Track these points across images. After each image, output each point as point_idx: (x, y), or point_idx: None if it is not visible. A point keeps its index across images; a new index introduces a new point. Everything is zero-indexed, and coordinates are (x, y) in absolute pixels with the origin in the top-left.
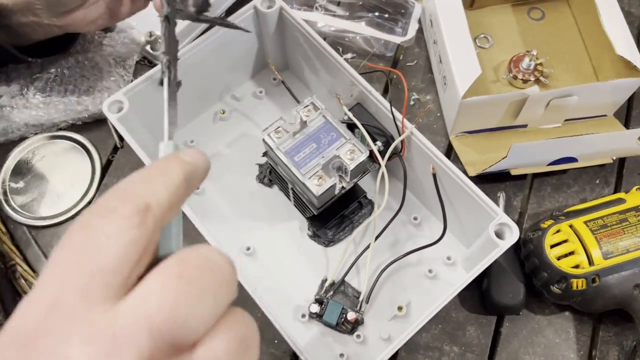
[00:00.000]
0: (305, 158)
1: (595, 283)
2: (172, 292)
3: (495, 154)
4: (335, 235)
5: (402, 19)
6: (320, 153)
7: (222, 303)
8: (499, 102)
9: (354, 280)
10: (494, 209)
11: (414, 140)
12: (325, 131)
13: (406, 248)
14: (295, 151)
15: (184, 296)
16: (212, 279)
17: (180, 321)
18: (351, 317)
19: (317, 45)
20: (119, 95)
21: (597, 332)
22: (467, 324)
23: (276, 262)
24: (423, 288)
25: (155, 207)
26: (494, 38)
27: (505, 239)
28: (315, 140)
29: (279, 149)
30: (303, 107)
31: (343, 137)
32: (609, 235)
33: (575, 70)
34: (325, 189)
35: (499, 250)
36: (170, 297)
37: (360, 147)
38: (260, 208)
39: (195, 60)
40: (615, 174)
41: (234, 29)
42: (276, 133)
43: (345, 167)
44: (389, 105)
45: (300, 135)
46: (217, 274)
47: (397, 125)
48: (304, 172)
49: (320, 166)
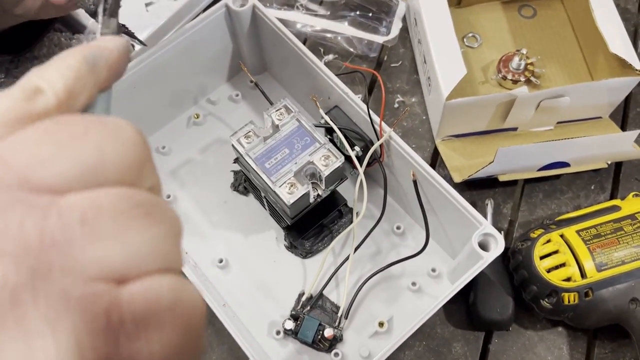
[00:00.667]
0: (277, 164)
1: (589, 297)
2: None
3: (483, 158)
4: (313, 246)
5: (386, 18)
6: (292, 159)
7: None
8: (485, 103)
9: (333, 294)
10: (478, 218)
11: (393, 145)
12: (298, 136)
13: (388, 259)
14: (266, 157)
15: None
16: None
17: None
18: (328, 334)
19: (292, 46)
20: None
21: (592, 349)
22: (453, 341)
23: (250, 275)
24: (406, 302)
25: (48, 90)
26: (483, 37)
27: (490, 250)
28: (287, 146)
29: (248, 155)
30: (275, 111)
31: (317, 142)
32: (603, 245)
33: (568, 70)
34: (297, 197)
35: (483, 263)
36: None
37: (336, 152)
38: (235, 217)
39: (164, 60)
40: (611, 179)
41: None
42: (246, 138)
43: (320, 174)
44: (366, 107)
45: (272, 140)
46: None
47: (375, 128)
48: (274, 180)
49: (293, 173)
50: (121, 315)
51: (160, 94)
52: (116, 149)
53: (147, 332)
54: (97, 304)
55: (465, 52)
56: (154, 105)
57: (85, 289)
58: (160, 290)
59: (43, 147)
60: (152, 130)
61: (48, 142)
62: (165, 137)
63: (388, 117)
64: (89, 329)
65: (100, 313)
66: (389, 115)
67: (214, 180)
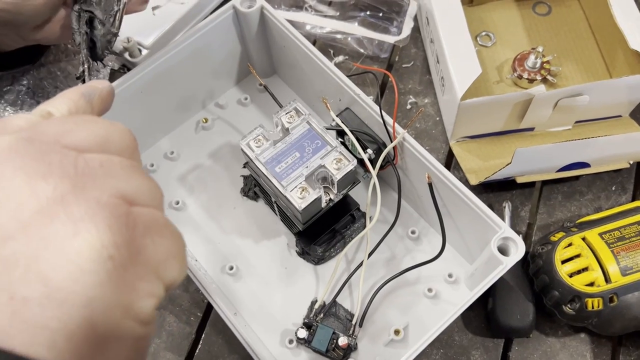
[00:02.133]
0: (287, 169)
1: (613, 303)
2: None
3: (500, 160)
4: (325, 252)
5: (397, 18)
6: (303, 163)
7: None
8: (501, 103)
9: (347, 302)
10: (497, 222)
11: (407, 147)
12: (309, 139)
13: (403, 265)
14: (276, 161)
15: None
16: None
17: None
18: (342, 343)
19: (301, 47)
20: None
21: (617, 356)
22: (471, 349)
23: (261, 282)
24: (422, 309)
25: (56, 112)
26: (496, 36)
27: (510, 255)
28: (298, 149)
29: (258, 159)
30: (285, 113)
31: (329, 145)
32: (627, 248)
33: (585, 67)
34: (309, 202)
35: (503, 268)
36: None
37: (348, 155)
38: (245, 224)
39: (172, 64)
40: (632, 179)
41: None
42: (256, 142)
43: (331, 178)
44: (378, 109)
45: (282, 143)
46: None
47: (388, 130)
48: (285, 184)
49: (304, 177)
50: (134, 218)
51: (167, 99)
52: (117, 132)
53: (151, 234)
54: (119, 208)
55: (478, 52)
56: (162, 110)
57: (110, 199)
58: (156, 214)
59: (67, 124)
60: (160, 136)
61: (70, 122)
62: (173, 143)
63: (400, 119)
64: (115, 221)
65: (122, 213)
66: (401, 117)
67: (224, 186)
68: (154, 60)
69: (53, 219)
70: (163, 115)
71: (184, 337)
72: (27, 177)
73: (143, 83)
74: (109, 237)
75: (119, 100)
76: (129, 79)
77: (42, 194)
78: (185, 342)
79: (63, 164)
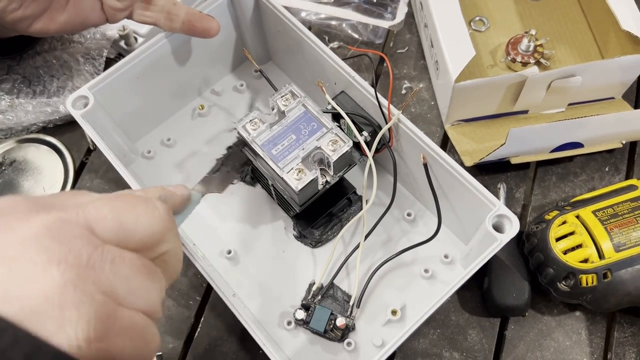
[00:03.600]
0: (284, 151)
1: (607, 278)
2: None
3: (494, 142)
4: (323, 235)
5: (391, 4)
6: (300, 145)
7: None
8: (495, 85)
9: (344, 283)
10: (491, 200)
11: (402, 129)
12: (305, 121)
13: (399, 246)
14: (272, 143)
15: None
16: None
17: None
18: (340, 323)
19: (297, 32)
20: (84, 91)
21: (611, 333)
22: (468, 328)
23: (260, 265)
24: (419, 289)
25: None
26: (490, 20)
27: (505, 232)
28: (294, 131)
29: (254, 142)
30: (281, 96)
31: (324, 127)
32: (621, 225)
33: (578, 50)
34: (305, 183)
35: (498, 245)
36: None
37: (343, 137)
38: (243, 208)
39: (167, 51)
40: (626, 159)
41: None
42: (252, 124)
43: (328, 160)
44: (373, 91)
45: (278, 126)
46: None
47: (384, 112)
48: (282, 166)
49: (300, 159)
50: (114, 318)
51: (163, 86)
52: (148, 220)
53: (123, 337)
54: (105, 306)
55: (472, 36)
56: (158, 97)
57: (101, 297)
58: (137, 320)
59: (105, 209)
60: (156, 123)
61: (109, 207)
62: (170, 129)
63: (396, 104)
64: (95, 318)
65: (105, 312)
66: (396, 101)
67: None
68: (149, 47)
69: (52, 305)
70: (159, 102)
71: (183, 321)
72: (47, 261)
73: (139, 70)
74: (85, 332)
75: (114, 86)
76: (124, 65)
77: (50, 280)
78: (184, 325)
79: (80, 253)
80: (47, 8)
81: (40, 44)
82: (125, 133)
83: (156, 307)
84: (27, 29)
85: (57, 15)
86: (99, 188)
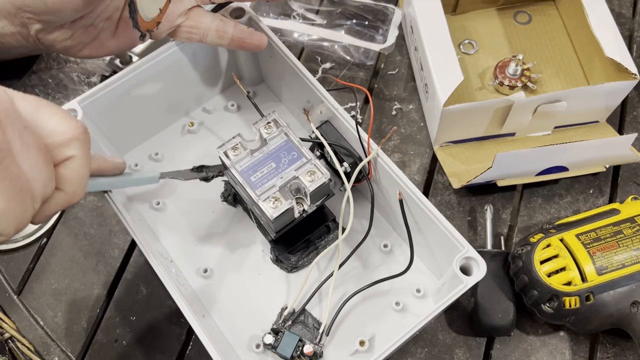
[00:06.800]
0: (263, 178)
1: (590, 301)
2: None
3: (482, 164)
4: (299, 260)
5: (382, 26)
6: (279, 173)
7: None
8: (482, 109)
9: (316, 310)
10: (461, 242)
11: (381, 163)
12: (286, 150)
13: (375, 276)
14: (252, 170)
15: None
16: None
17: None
18: (307, 351)
19: (286, 60)
20: (73, 104)
21: (594, 353)
22: (455, 347)
23: (234, 286)
24: (390, 321)
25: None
26: (479, 44)
27: (472, 274)
28: (274, 160)
29: (234, 168)
30: (264, 124)
31: (304, 157)
32: (603, 249)
33: (564, 75)
34: (280, 212)
35: (464, 287)
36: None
37: (322, 169)
38: (223, 228)
39: (160, 69)
40: (609, 182)
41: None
42: (233, 150)
43: (305, 190)
44: (354, 124)
45: (259, 153)
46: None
47: (364, 145)
48: (259, 194)
49: (277, 187)
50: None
51: (154, 102)
52: (61, 119)
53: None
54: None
55: (461, 59)
56: (148, 112)
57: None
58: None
59: (30, 97)
60: (145, 137)
61: (34, 97)
62: (158, 144)
63: (386, 125)
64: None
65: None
66: (386, 122)
67: (205, 190)
68: (142, 64)
69: None
70: (149, 117)
71: (174, 338)
72: None
73: (129, 86)
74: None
75: (104, 100)
76: (115, 81)
77: None
78: (176, 342)
79: None
80: (97, 36)
81: (37, 62)
82: (113, 145)
83: (39, 191)
84: (76, 54)
85: (106, 42)
86: (87, 199)
